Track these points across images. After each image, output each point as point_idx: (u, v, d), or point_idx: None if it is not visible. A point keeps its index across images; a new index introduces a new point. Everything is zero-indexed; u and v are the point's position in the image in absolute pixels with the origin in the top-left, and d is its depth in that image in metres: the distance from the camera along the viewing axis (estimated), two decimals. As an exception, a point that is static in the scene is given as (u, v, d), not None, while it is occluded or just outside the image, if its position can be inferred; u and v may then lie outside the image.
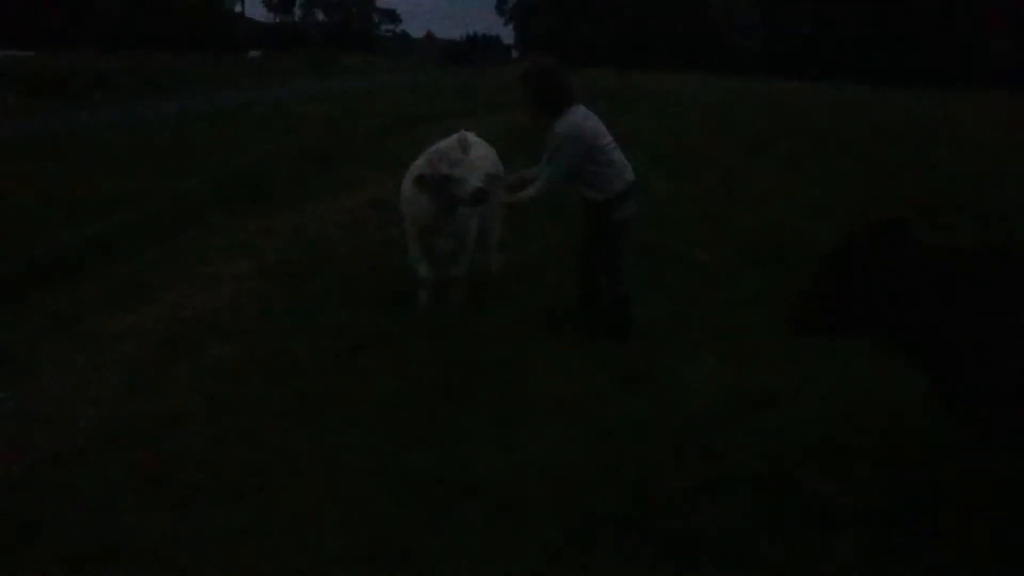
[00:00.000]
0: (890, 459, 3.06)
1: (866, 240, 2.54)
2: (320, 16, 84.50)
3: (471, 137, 4.84)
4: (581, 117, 3.99)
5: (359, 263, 5.79)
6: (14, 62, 27.02)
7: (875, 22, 45.00)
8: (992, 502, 2.72)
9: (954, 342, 2.46)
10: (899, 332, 2.57)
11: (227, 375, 3.90)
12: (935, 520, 2.66)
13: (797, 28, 50.36)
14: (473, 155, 4.28)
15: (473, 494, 2.86)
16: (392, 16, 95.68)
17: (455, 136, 4.54)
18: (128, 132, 13.03)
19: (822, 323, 2.71)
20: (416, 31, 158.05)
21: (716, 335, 4.31)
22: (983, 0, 41.82)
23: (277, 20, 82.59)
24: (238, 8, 62.27)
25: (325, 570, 2.50)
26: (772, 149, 11.75)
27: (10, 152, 10.67)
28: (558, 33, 54.11)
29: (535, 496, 2.85)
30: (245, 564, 2.52)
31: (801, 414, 3.37)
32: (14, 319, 4.66)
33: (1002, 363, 2.39)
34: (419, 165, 4.30)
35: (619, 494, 2.84)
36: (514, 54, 65.77)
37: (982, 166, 9.89)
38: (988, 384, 2.43)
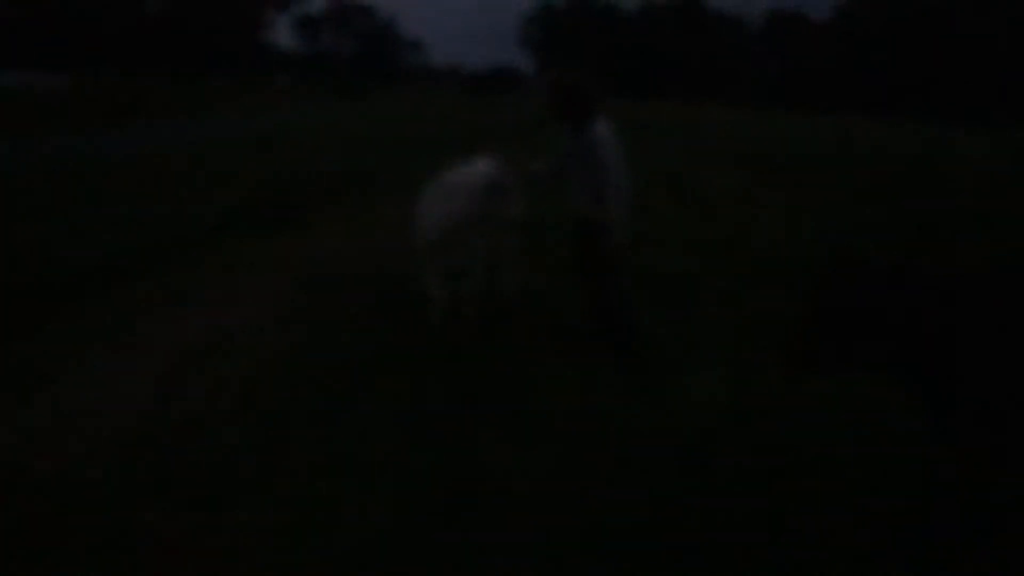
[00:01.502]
0: (886, 470, 3.10)
1: (851, 274, 2.50)
2: (349, 46, 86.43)
3: (484, 165, 4.99)
4: (608, 127, 4.16)
5: (378, 280, 5.93)
6: (43, 86, 27.95)
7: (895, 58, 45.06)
8: (982, 509, 2.73)
9: (952, 370, 2.41)
10: (898, 365, 2.50)
11: (247, 384, 4.02)
12: (930, 527, 2.71)
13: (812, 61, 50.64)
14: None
15: (483, 500, 2.95)
16: (417, 47, 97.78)
17: (468, 168, 4.78)
18: (161, 154, 13.44)
19: (820, 363, 2.63)
20: (439, 59, 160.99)
21: (722, 353, 4.37)
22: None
23: (312, 47, 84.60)
24: (280, 42, 64.34)
25: (338, 569, 2.58)
26: (784, 175, 11.81)
27: (55, 172, 11.09)
28: (579, 64, 54.99)
29: (542, 502, 2.93)
30: (259, 563, 2.62)
31: (801, 427, 3.43)
32: (54, 327, 4.90)
33: (1000, 387, 2.38)
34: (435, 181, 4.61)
35: (623, 501, 2.91)
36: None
37: (983, 191, 9.87)
38: (987, 410, 2.41)
